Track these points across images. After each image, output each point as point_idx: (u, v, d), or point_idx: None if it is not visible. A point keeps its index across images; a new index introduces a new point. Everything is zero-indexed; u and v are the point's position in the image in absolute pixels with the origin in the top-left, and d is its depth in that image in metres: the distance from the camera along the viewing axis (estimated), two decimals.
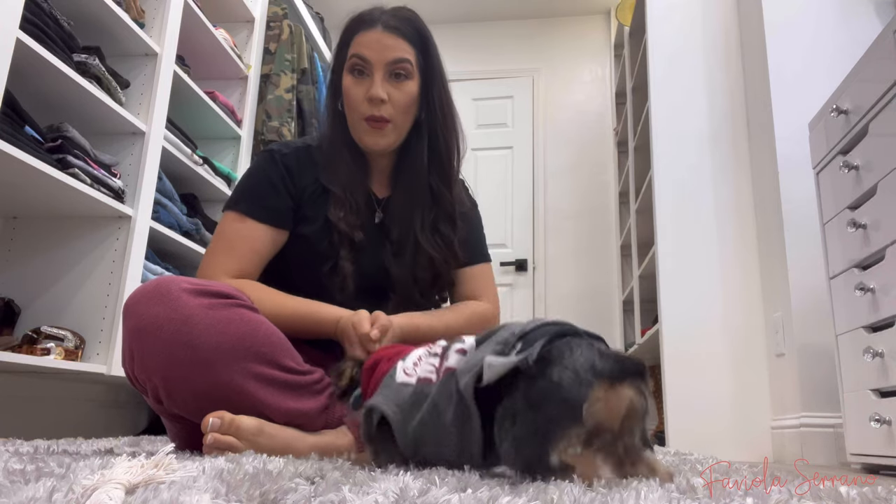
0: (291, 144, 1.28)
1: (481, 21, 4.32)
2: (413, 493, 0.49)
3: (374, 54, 1.19)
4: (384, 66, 1.19)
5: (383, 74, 1.20)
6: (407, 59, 1.21)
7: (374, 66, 1.19)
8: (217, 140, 2.64)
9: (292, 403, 0.99)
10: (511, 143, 4.10)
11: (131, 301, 0.97)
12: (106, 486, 0.42)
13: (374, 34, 1.20)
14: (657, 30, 2.80)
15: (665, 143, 2.66)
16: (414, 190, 1.26)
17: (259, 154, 1.29)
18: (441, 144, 1.27)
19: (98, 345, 1.80)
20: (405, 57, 1.20)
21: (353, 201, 1.21)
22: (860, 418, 1.55)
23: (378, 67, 1.19)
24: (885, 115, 1.47)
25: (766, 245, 2.40)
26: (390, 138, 1.23)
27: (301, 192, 1.22)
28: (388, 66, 1.20)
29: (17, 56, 1.48)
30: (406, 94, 1.21)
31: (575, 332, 0.65)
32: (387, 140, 1.23)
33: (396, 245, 1.24)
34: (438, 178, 1.27)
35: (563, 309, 3.76)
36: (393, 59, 1.20)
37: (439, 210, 1.27)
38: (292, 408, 0.99)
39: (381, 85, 1.19)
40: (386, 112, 1.20)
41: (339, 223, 1.18)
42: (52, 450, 0.96)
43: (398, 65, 1.20)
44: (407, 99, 1.21)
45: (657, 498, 0.51)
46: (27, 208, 1.85)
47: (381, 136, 1.22)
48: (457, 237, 1.28)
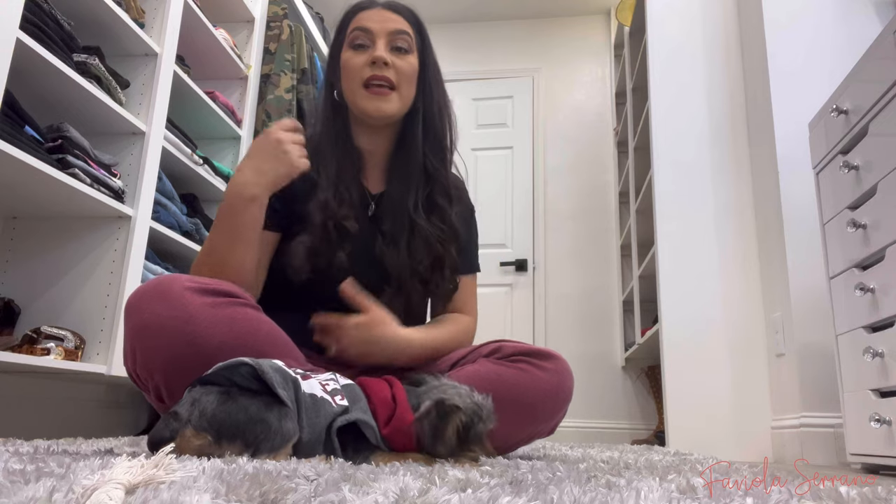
0: None
1: (481, 21, 4.32)
2: (413, 493, 0.49)
3: (375, 25, 1.21)
4: (386, 34, 1.21)
5: (385, 43, 1.21)
6: (407, 32, 1.23)
7: (375, 35, 1.20)
8: (217, 140, 2.64)
9: None
10: (511, 143, 4.10)
11: (133, 299, 0.97)
12: (106, 486, 0.42)
13: (374, 11, 1.23)
14: (657, 30, 2.80)
15: (665, 144, 2.66)
16: (409, 174, 1.26)
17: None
18: (436, 125, 1.28)
19: (98, 345, 1.80)
20: (405, 29, 1.22)
21: (346, 193, 1.21)
22: (860, 418, 1.55)
23: (380, 35, 1.20)
24: (885, 115, 1.47)
25: (766, 245, 2.40)
26: (394, 104, 1.22)
27: (290, 191, 1.22)
28: (390, 35, 1.21)
29: (17, 56, 1.48)
30: (409, 64, 1.22)
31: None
32: (391, 106, 1.22)
33: (390, 235, 1.23)
34: (434, 157, 1.27)
35: (563, 309, 3.77)
36: (395, 30, 1.21)
37: (435, 185, 1.26)
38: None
39: (385, 50, 1.20)
40: (390, 75, 1.20)
41: (329, 214, 1.17)
42: (52, 450, 0.95)
43: (400, 36, 1.21)
44: (410, 69, 1.22)
45: (657, 498, 0.51)
46: (27, 208, 1.85)
47: (385, 101, 1.21)
48: (454, 211, 1.27)
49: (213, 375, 0.79)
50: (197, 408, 0.75)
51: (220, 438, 0.74)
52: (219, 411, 0.74)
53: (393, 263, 1.21)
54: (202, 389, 0.77)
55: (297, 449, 0.79)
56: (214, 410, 0.75)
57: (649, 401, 3.52)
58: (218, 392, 0.76)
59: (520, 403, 1.12)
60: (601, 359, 3.65)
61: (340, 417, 0.83)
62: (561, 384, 1.17)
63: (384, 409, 0.87)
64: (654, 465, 1.08)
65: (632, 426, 3.53)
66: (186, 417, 0.74)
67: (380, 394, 0.90)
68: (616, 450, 1.85)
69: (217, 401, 0.75)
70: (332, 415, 0.83)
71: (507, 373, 1.12)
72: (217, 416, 0.74)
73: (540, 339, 3.70)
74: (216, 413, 0.74)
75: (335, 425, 0.82)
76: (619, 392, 3.60)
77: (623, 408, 3.57)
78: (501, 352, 1.17)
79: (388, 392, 0.90)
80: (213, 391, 0.76)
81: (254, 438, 0.74)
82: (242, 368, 0.79)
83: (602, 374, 3.62)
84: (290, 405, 0.79)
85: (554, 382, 1.16)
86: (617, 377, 3.62)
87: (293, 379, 0.82)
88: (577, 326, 3.73)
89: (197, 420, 0.74)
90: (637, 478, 0.70)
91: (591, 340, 3.69)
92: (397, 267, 1.21)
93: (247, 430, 0.74)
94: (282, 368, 0.82)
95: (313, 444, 0.81)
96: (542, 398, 1.14)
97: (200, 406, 0.75)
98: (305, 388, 0.83)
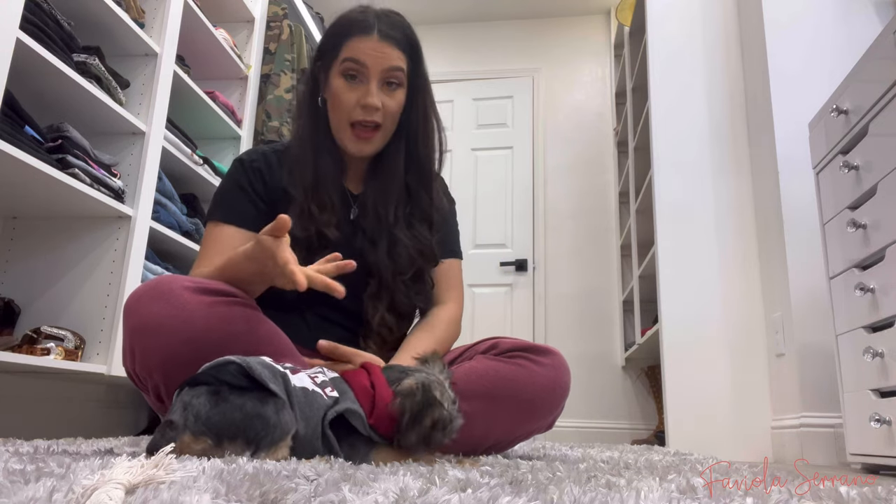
0: (260, 149, 1.31)
1: (481, 21, 4.32)
2: (413, 493, 0.49)
3: (371, 61, 1.20)
4: (380, 73, 1.21)
5: (378, 82, 1.21)
6: (401, 68, 1.23)
7: (370, 73, 1.20)
8: (217, 140, 2.64)
9: None
10: (511, 143, 4.10)
11: (132, 299, 0.97)
12: (106, 486, 0.42)
13: (370, 42, 1.20)
14: (657, 30, 2.80)
15: (665, 143, 2.66)
16: (388, 186, 1.27)
17: (231, 164, 1.31)
18: (420, 147, 1.28)
19: (98, 345, 1.80)
20: (400, 66, 1.22)
21: (327, 198, 1.22)
22: (860, 418, 1.55)
23: (374, 74, 1.20)
24: (885, 115, 1.47)
25: (765, 245, 2.40)
26: (376, 145, 1.25)
27: (273, 194, 1.24)
28: (384, 73, 1.21)
29: (17, 56, 1.48)
30: (397, 101, 1.24)
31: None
32: (373, 147, 1.25)
33: (370, 235, 1.25)
34: (416, 178, 1.28)
35: (563, 309, 3.77)
36: (389, 67, 1.21)
37: (415, 208, 1.28)
38: None
39: (377, 93, 1.21)
40: (378, 118, 1.22)
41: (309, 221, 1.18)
42: (52, 450, 0.95)
43: (393, 73, 1.22)
44: (397, 107, 1.24)
45: (657, 498, 0.51)
46: (27, 208, 1.85)
47: (368, 143, 1.24)
48: (434, 238, 1.28)
49: (202, 376, 0.78)
50: (190, 412, 0.74)
51: (220, 440, 0.73)
52: (213, 413, 0.74)
53: (374, 260, 1.22)
54: (191, 392, 0.76)
55: (295, 442, 0.79)
56: (209, 413, 0.74)
57: (649, 401, 3.52)
58: (208, 393, 0.75)
59: (517, 399, 1.12)
60: (601, 359, 3.65)
61: (331, 409, 0.83)
62: (558, 379, 1.17)
63: (365, 397, 0.87)
64: (654, 465, 1.08)
65: (632, 426, 3.53)
66: (182, 423, 0.73)
67: (361, 383, 0.89)
68: (616, 450, 1.85)
69: (209, 403, 0.75)
70: (324, 406, 0.83)
71: (504, 369, 1.12)
72: (212, 418, 0.74)
73: (540, 339, 3.70)
74: (211, 415, 0.74)
75: (327, 417, 0.82)
76: (619, 392, 3.60)
77: (623, 408, 3.57)
78: (498, 348, 1.18)
79: (367, 380, 0.90)
80: (202, 393, 0.75)
81: (254, 435, 0.74)
82: (230, 367, 0.78)
83: (602, 374, 3.62)
84: (284, 397, 0.79)
85: (551, 377, 1.16)
86: (617, 377, 3.62)
87: (282, 374, 0.82)
88: (576, 326, 3.73)
89: (193, 425, 0.73)
90: (637, 478, 0.70)
91: (591, 340, 3.69)
92: (378, 263, 1.22)
93: (246, 427, 0.74)
94: (270, 364, 0.82)
95: (310, 438, 0.81)
96: (539, 394, 1.14)
97: (194, 410, 0.74)
98: (296, 382, 0.83)
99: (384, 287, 1.22)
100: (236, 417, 0.74)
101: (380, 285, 1.22)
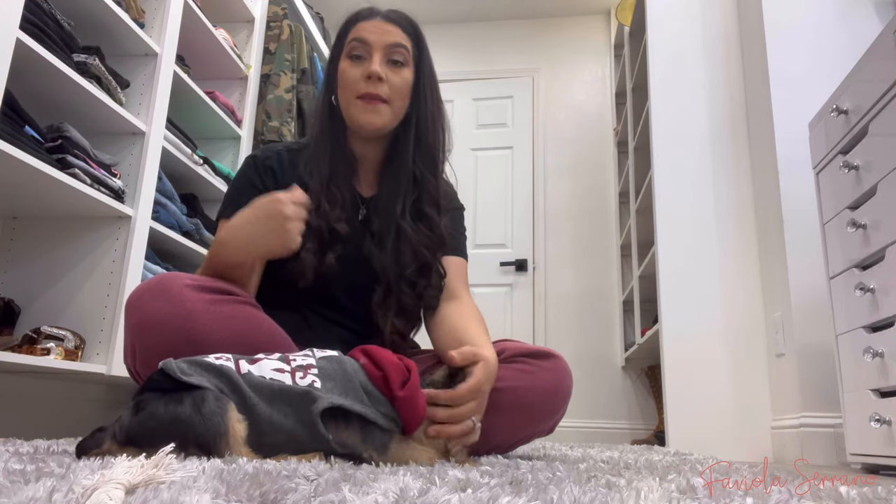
0: (274, 148, 1.31)
1: (481, 21, 4.32)
2: (413, 493, 0.49)
3: (373, 36, 1.22)
4: (383, 48, 1.21)
5: (381, 56, 1.22)
6: (404, 46, 1.23)
7: (373, 48, 1.21)
8: (217, 140, 2.64)
9: None
10: (511, 143, 4.10)
11: (133, 297, 0.97)
12: (106, 486, 0.42)
13: (374, 22, 1.24)
14: (657, 30, 2.80)
15: (665, 143, 2.66)
16: (398, 179, 1.26)
17: (243, 161, 1.31)
18: (429, 135, 1.28)
19: (98, 345, 1.80)
20: (403, 43, 1.23)
21: (338, 195, 1.22)
22: (860, 418, 1.55)
23: (377, 48, 1.21)
24: (885, 115, 1.47)
25: (766, 245, 2.40)
26: (385, 118, 1.23)
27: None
28: (387, 48, 1.22)
29: (17, 56, 1.48)
30: (403, 79, 1.23)
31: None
32: (382, 119, 1.23)
33: (378, 236, 1.24)
34: (423, 165, 1.27)
35: (563, 309, 3.77)
36: (392, 43, 1.22)
37: (423, 193, 1.26)
38: None
39: (380, 64, 1.21)
40: (382, 91, 1.21)
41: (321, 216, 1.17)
42: (52, 450, 0.95)
43: (396, 49, 1.22)
44: (403, 84, 1.23)
45: (657, 498, 0.51)
46: (27, 208, 1.85)
47: (376, 114, 1.22)
48: (442, 221, 1.27)
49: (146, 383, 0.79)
50: (119, 423, 0.76)
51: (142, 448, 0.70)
52: (133, 423, 0.75)
53: (379, 264, 1.22)
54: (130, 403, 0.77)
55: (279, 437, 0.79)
56: (129, 423, 0.75)
57: (649, 401, 3.52)
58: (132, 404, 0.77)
59: (519, 404, 1.12)
60: (601, 359, 3.65)
61: (314, 405, 0.81)
62: (560, 383, 1.17)
63: (397, 373, 0.87)
64: (654, 465, 1.08)
65: (632, 426, 3.53)
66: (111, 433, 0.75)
67: (388, 357, 0.89)
68: (616, 450, 1.85)
69: (130, 413, 0.76)
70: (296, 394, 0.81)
71: (506, 374, 1.12)
72: (132, 428, 0.75)
73: (540, 339, 3.70)
74: (131, 425, 0.75)
75: (315, 410, 0.81)
76: (619, 392, 3.60)
77: (623, 408, 3.57)
78: (503, 354, 1.17)
79: (395, 358, 0.90)
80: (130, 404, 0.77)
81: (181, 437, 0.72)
82: (154, 373, 0.79)
83: (602, 374, 3.62)
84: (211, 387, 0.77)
85: (553, 382, 1.16)
86: (617, 377, 3.62)
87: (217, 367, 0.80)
88: (576, 326, 3.73)
89: (118, 434, 0.75)
90: (637, 478, 0.70)
91: (591, 340, 3.69)
92: (384, 267, 1.21)
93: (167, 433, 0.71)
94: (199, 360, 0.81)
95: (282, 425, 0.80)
96: (541, 398, 1.14)
97: (121, 421, 0.76)
98: (254, 371, 0.82)
99: (390, 293, 1.21)
100: (151, 426, 0.74)
101: (386, 292, 1.21)
